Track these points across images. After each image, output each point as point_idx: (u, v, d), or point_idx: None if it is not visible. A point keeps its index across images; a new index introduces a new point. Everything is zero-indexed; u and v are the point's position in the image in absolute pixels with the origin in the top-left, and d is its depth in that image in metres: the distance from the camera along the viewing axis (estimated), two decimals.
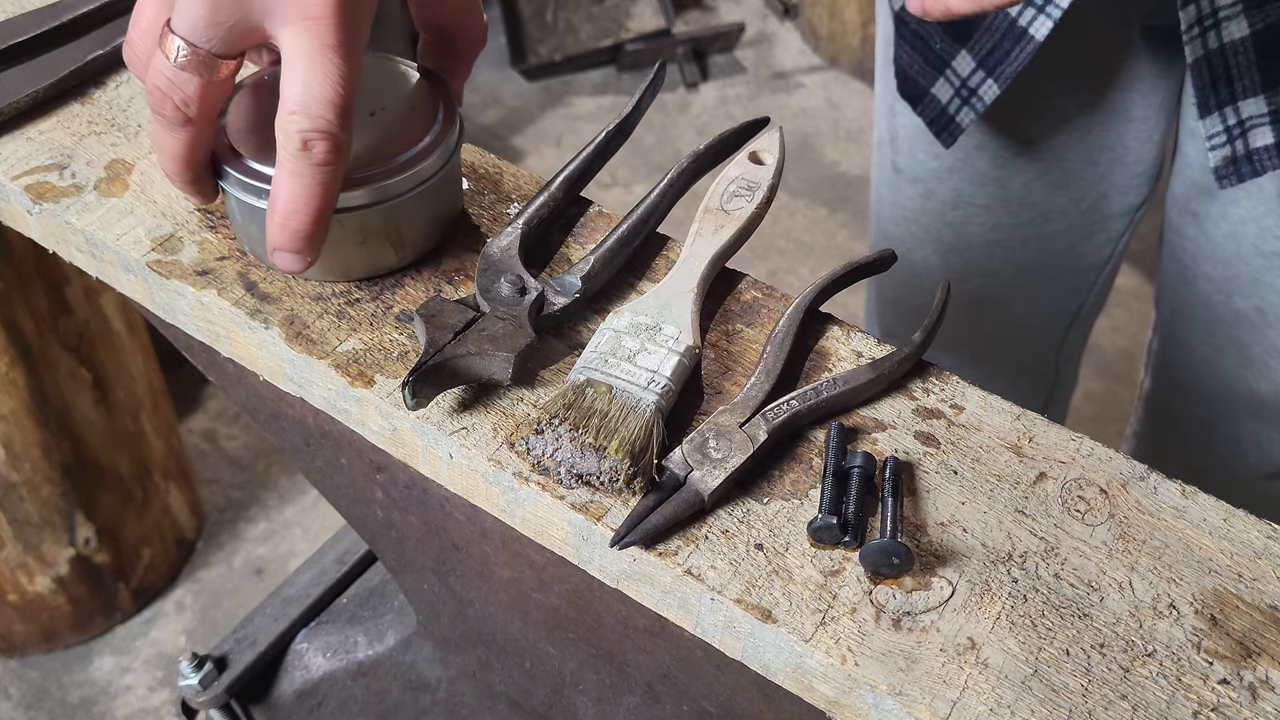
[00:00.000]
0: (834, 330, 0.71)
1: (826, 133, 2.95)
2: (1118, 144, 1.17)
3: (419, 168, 0.68)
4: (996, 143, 1.19)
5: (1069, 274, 1.30)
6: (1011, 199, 1.22)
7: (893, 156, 1.30)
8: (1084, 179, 1.20)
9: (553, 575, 0.74)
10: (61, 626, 1.86)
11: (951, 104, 1.08)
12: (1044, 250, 1.26)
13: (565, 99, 3.04)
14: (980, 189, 1.22)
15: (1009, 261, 1.28)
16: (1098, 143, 1.17)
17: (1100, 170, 1.19)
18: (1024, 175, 1.20)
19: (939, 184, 1.26)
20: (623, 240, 0.71)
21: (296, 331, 0.68)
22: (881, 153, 1.33)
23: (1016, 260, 1.27)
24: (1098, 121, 1.15)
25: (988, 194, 1.22)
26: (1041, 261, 1.28)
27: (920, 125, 1.22)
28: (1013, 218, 1.23)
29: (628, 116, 0.77)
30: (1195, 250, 1.15)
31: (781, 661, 0.58)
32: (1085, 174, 1.19)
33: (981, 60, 1.02)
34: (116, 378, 1.69)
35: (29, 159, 0.77)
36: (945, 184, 1.25)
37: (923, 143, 1.24)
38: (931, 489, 0.63)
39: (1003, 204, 1.22)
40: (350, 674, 1.11)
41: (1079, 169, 1.18)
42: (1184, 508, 0.63)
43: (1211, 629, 0.58)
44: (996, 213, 1.23)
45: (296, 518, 2.10)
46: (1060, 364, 1.44)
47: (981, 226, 1.25)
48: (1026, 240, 1.25)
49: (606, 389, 0.62)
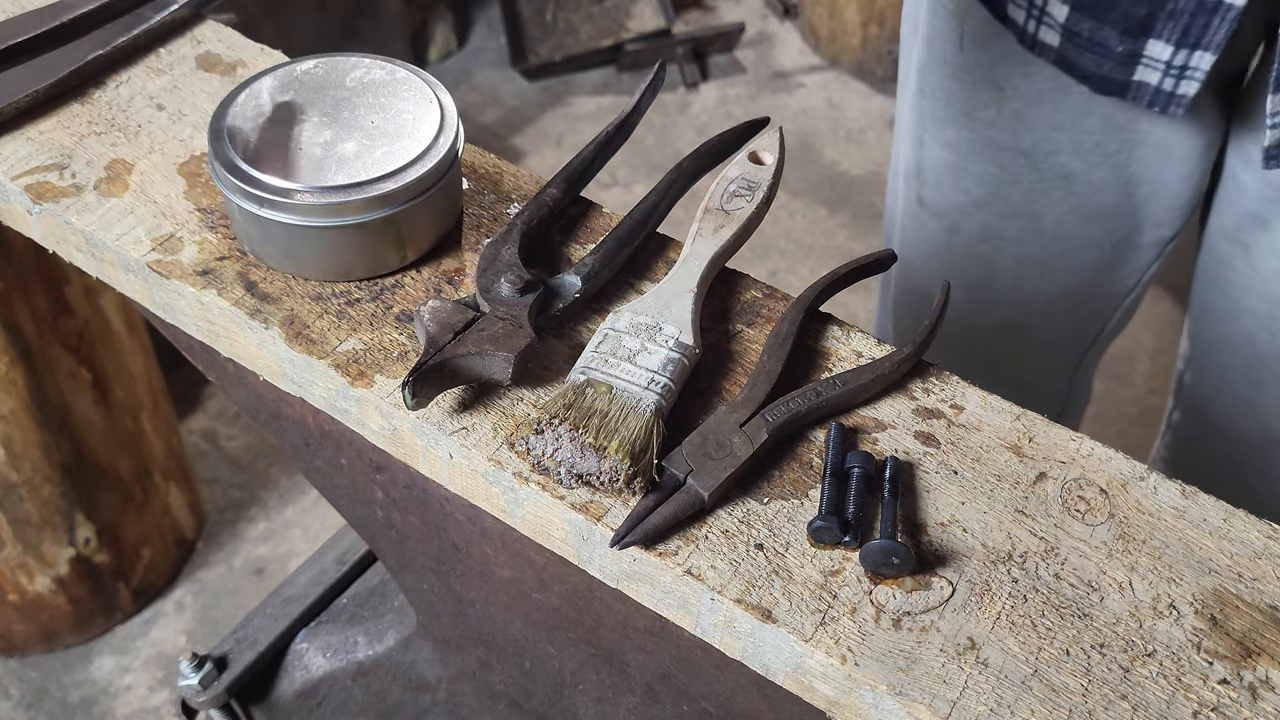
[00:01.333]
0: (834, 330, 0.71)
1: (826, 133, 2.95)
2: (1156, 179, 1.14)
3: (420, 174, 0.68)
4: (1031, 176, 1.15)
5: (1093, 301, 1.27)
6: (1043, 232, 1.19)
7: (918, 189, 1.26)
8: (1119, 212, 1.17)
9: (553, 575, 0.74)
10: (61, 626, 1.86)
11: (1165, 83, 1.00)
12: (1071, 279, 1.23)
13: (565, 99, 3.04)
14: (1010, 222, 1.19)
15: (1035, 291, 1.25)
16: (1136, 177, 1.13)
17: (1136, 203, 1.16)
18: (1058, 209, 1.17)
19: (966, 219, 1.22)
20: (623, 240, 0.71)
21: (296, 331, 0.68)
22: (906, 184, 1.28)
23: (1042, 289, 1.25)
24: (1138, 158, 1.12)
25: (1018, 227, 1.19)
26: (1067, 289, 1.25)
27: (949, 159, 1.18)
28: (1043, 249, 1.20)
29: (628, 116, 0.77)
30: (1241, 284, 1.11)
31: (781, 661, 0.58)
32: (1120, 207, 1.16)
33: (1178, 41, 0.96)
34: (116, 378, 1.69)
35: (29, 159, 0.77)
36: (973, 219, 1.21)
37: (951, 176, 1.20)
38: (931, 489, 0.63)
39: (1034, 237, 1.19)
40: (350, 674, 1.11)
41: (1114, 203, 1.16)
42: (1184, 508, 0.63)
43: (1211, 629, 0.58)
44: (1026, 245, 1.20)
45: (296, 518, 2.10)
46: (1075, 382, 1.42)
47: (1009, 259, 1.22)
48: (1054, 270, 1.22)
49: (606, 389, 0.62)
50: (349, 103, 0.72)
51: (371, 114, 0.71)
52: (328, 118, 0.71)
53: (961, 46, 1.12)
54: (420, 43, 3.03)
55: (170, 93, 0.83)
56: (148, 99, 0.82)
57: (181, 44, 0.86)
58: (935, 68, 1.16)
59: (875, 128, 2.98)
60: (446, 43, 3.12)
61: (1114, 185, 1.14)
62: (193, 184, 0.76)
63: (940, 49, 1.14)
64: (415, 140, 0.69)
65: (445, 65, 3.10)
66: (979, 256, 1.24)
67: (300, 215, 0.67)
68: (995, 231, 1.21)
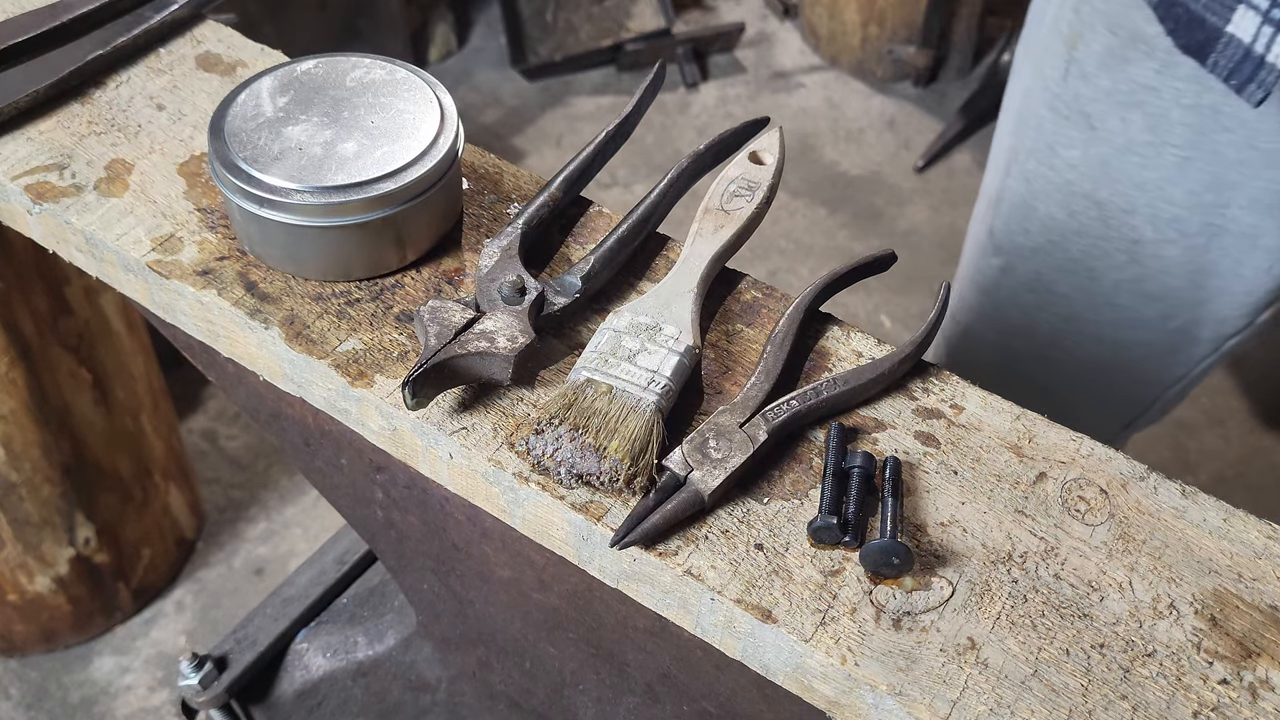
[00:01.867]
0: (834, 330, 0.71)
1: (826, 133, 2.95)
2: (1232, 272, 1.04)
3: (420, 174, 0.68)
4: (1099, 230, 1.06)
5: (1133, 385, 1.18)
6: (1096, 295, 1.10)
7: (991, 220, 1.18)
8: (1182, 298, 1.06)
9: (553, 575, 0.74)
10: (61, 626, 1.86)
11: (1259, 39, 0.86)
12: (1113, 356, 1.14)
13: (565, 99, 3.04)
14: (1063, 276, 1.11)
15: (1071, 357, 1.16)
16: (1211, 268, 1.03)
17: (1204, 295, 1.06)
18: (1118, 275, 1.07)
19: (1021, 261, 1.14)
20: (623, 240, 0.71)
21: (296, 331, 0.68)
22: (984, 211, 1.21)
23: (1079, 358, 1.16)
24: (1217, 246, 1.02)
25: (1070, 284, 1.11)
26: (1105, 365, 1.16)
27: (1025, 195, 1.11)
28: (1091, 314, 1.11)
29: (628, 116, 0.77)
30: None
31: (781, 661, 0.58)
32: (1185, 295, 1.06)
33: None
34: (116, 378, 1.69)
35: (29, 159, 0.77)
36: (1028, 263, 1.13)
37: (1019, 213, 1.13)
38: (931, 489, 0.63)
39: (1085, 297, 1.11)
40: (350, 674, 1.11)
41: (1180, 288, 1.05)
42: (1184, 508, 0.63)
43: (1211, 629, 0.58)
44: (1075, 305, 1.12)
45: (296, 518, 2.10)
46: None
47: (1053, 315, 1.14)
48: (1098, 341, 1.13)
49: (606, 389, 0.62)
50: (349, 103, 0.72)
51: (371, 114, 0.71)
52: (328, 118, 0.71)
53: (1066, 75, 1.04)
54: (420, 43, 3.03)
55: (170, 93, 0.83)
56: (148, 99, 0.82)
57: (181, 44, 0.86)
58: (1036, 94, 1.09)
59: (875, 128, 2.98)
60: (446, 43, 3.11)
61: (1184, 270, 1.04)
62: (193, 184, 0.76)
63: (1045, 76, 1.07)
64: (415, 140, 0.69)
65: (445, 65, 3.10)
66: (1023, 305, 1.17)
67: (300, 215, 0.67)
68: (1046, 283, 1.13)
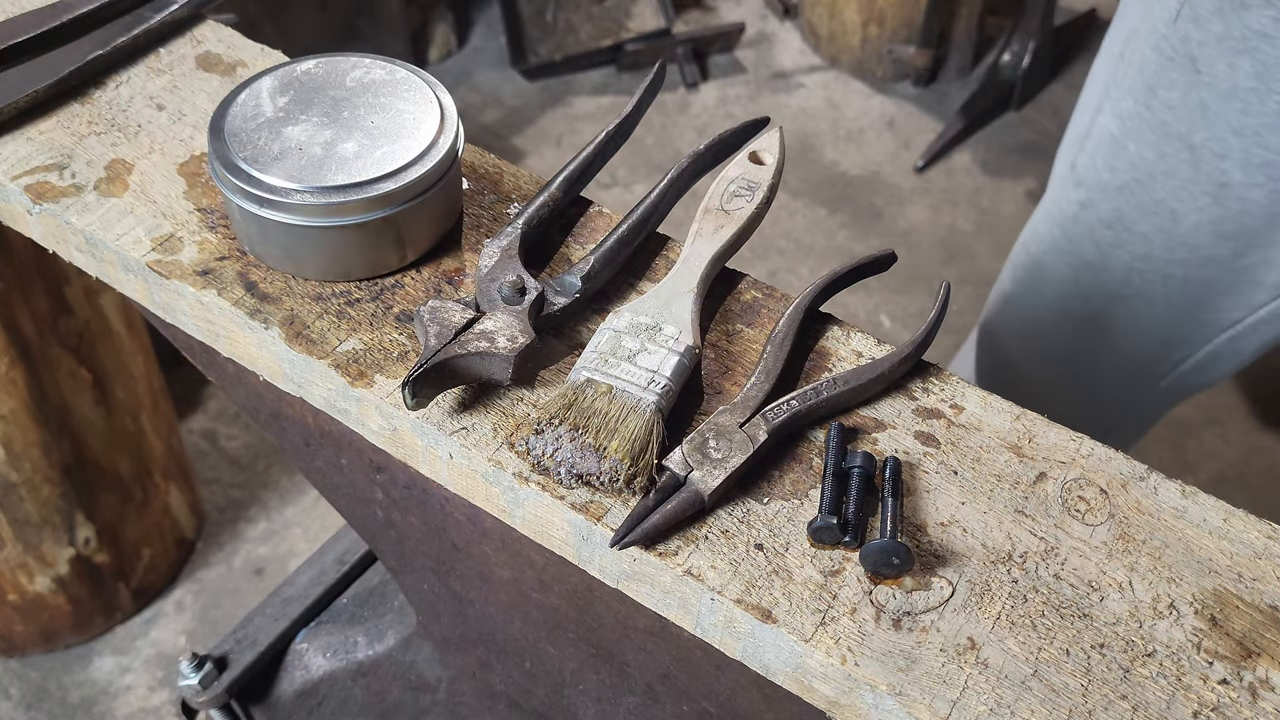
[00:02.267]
0: (834, 330, 0.71)
1: (826, 133, 2.95)
2: None
3: (420, 174, 0.68)
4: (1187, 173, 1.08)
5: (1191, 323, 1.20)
6: (1174, 235, 1.12)
7: (1076, 154, 1.21)
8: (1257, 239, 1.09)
9: (553, 575, 0.74)
10: (61, 626, 1.86)
11: None
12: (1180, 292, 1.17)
13: (565, 99, 3.04)
14: (1145, 217, 1.13)
15: (1140, 293, 1.19)
16: None
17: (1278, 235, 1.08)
18: (1199, 217, 1.09)
19: (1104, 198, 1.16)
20: (623, 240, 0.71)
21: (296, 331, 0.68)
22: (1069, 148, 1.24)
23: (1148, 295, 1.19)
24: None
25: (1151, 224, 1.13)
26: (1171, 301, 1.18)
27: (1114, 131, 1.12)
28: (1167, 254, 1.14)
29: (628, 116, 0.77)
30: None
31: (781, 661, 0.58)
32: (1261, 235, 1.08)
33: None
34: (116, 378, 1.69)
35: (29, 159, 0.77)
36: (1110, 201, 1.16)
37: (1108, 149, 1.14)
38: (931, 489, 0.63)
39: (1163, 238, 1.13)
40: (350, 674, 1.11)
41: (1257, 228, 1.08)
42: (1184, 508, 0.63)
43: (1211, 629, 0.58)
44: (1152, 244, 1.14)
45: (296, 518, 2.10)
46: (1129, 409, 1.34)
47: (1129, 254, 1.17)
48: (1169, 279, 1.16)
49: (606, 389, 0.62)
50: (349, 103, 0.72)
51: (371, 114, 0.71)
52: (328, 118, 0.71)
53: (1177, 18, 1.05)
54: (420, 43, 3.03)
55: (170, 93, 0.83)
56: (148, 99, 0.82)
57: (181, 44, 0.86)
58: (1142, 34, 1.10)
59: (875, 128, 2.98)
60: (446, 43, 3.11)
61: (1264, 211, 1.07)
62: (193, 184, 0.76)
63: (1154, 17, 1.08)
64: (415, 140, 0.69)
65: (445, 65, 3.10)
66: (1099, 241, 1.19)
67: (300, 215, 0.67)
68: (1126, 222, 1.15)
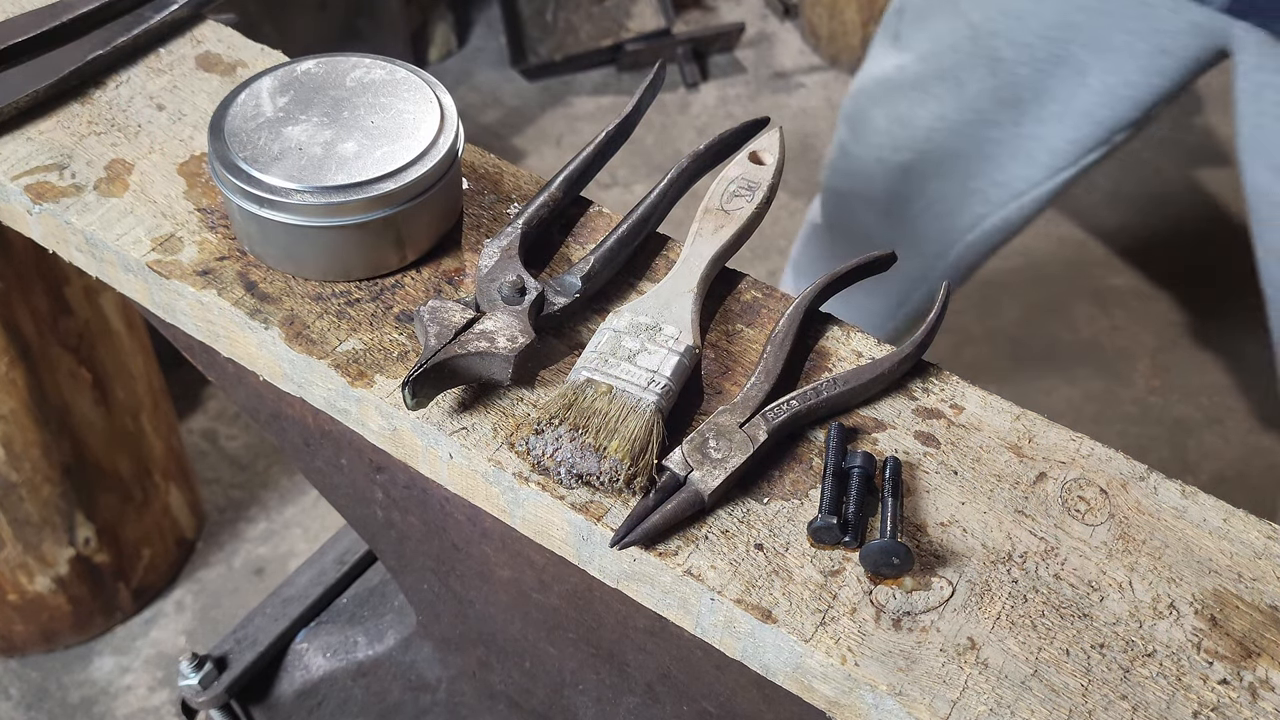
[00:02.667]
0: (834, 330, 0.71)
1: (826, 133, 2.95)
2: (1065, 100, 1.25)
3: (420, 174, 0.68)
4: (967, 48, 1.28)
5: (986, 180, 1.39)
6: (963, 98, 1.33)
7: (898, 25, 1.39)
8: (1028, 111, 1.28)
9: (553, 575, 0.74)
10: (61, 626, 1.86)
11: None
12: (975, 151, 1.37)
13: (565, 99, 3.04)
14: (938, 82, 1.34)
15: (940, 147, 1.39)
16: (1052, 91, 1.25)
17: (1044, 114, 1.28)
18: (979, 85, 1.30)
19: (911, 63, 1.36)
20: (623, 240, 0.71)
21: (296, 331, 0.68)
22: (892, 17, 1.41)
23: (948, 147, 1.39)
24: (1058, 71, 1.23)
25: (944, 88, 1.34)
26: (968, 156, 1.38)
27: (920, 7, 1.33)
28: (958, 115, 1.35)
29: (628, 116, 0.77)
30: None
31: (781, 661, 0.58)
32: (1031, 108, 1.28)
33: None
34: (116, 378, 1.69)
35: (29, 159, 0.77)
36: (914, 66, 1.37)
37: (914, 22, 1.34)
38: (931, 489, 0.63)
39: (954, 101, 1.33)
40: (350, 674, 1.11)
41: (1027, 100, 1.27)
42: (1184, 508, 0.63)
43: (1211, 629, 0.58)
44: (946, 105, 1.35)
45: (296, 518, 2.10)
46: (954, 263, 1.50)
47: (929, 114, 1.37)
48: (961, 137, 1.36)
49: (606, 389, 0.62)
50: (349, 103, 0.72)
51: (371, 114, 0.71)
52: (328, 118, 0.71)
53: None
54: (420, 43, 3.03)
55: (170, 93, 0.83)
56: (148, 99, 0.82)
57: (181, 44, 0.86)
58: None
59: None
60: (446, 43, 3.11)
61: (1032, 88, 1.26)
62: (193, 184, 0.76)
63: None
64: (415, 140, 0.69)
65: (445, 65, 3.10)
66: (909, 100, 1.39)
67: (300, 215, 0.67)
68: (923, 86, 1.36)
